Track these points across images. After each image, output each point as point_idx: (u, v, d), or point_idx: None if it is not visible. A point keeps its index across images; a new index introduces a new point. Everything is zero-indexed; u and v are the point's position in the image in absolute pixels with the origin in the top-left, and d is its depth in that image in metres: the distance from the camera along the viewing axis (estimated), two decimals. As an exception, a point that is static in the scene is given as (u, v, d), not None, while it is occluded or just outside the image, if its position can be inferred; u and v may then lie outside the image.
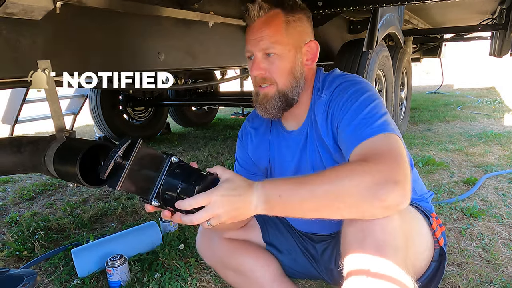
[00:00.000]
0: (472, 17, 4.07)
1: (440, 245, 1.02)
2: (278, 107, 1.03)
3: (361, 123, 0.88)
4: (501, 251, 1.53)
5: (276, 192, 0.76)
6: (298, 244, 1.25)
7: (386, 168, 0.74)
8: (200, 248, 1.26)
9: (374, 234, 0.75)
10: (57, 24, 1.08)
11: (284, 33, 0.99)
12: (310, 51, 1.05)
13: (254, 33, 1.00)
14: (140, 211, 2.14)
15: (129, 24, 1.30)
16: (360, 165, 0.76)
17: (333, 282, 1.23)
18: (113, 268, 1.39)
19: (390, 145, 0.82)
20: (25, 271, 1.03)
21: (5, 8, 0.86)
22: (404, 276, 0.73)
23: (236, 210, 0.76)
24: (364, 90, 0.95)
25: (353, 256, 0.76)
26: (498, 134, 3.50)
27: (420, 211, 1.02)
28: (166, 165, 0.80)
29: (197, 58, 1.62)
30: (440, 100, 6.18)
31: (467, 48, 12.76)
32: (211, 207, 0.74)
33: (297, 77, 1.02)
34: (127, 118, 4.08)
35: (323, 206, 0.75)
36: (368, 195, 0.71)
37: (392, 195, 0.71)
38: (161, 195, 0.79)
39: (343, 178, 0.74)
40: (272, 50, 0.99)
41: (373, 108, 0.90)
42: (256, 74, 1.01)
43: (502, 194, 2.12)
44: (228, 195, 0.76)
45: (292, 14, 1.01)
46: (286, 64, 1.00)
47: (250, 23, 1.02)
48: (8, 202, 2.45)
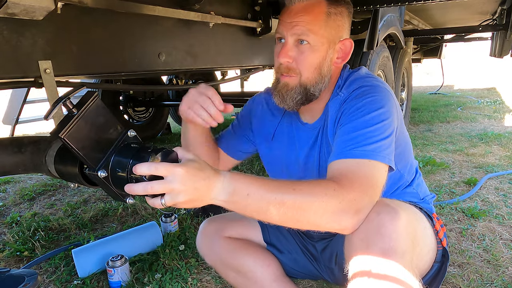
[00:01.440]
0: (473, 18, 4.07)
1: (443, 245, 1.02)
2: (297, 100, 0.99)
3: (357, 139, 0.86)
4: (502, 252, 1.53)
5: (245, 190, 0.73)
6: (299, 243, 1.25)
7: (353, 196, 0.77)
8: (200, 247, 1.26)
9: (381, 237, 0.74)
10: (58, 24, 1.08)
11: (322, 24, 0.94)
12: (343, 49, 1.01)
13: (291, 16, 0.95)
14: (140, 211, 2.14)
15: (130, 25, 1.30)
16: (333, 188, 0.76)
17: (334, 281, 1.23)
18: (114, 268, 1.39)
19: (368, 173, 0.82)
20: (26, 271, 1.03)
21: (6, 8, 0.86)
22: (411, 278, 0.72)
23: (196, 191, 0.68)
24: (378, 105, 0.90)
25: (359, 258, 0.76)
26: (498, 135, 3.50)
27: (423, 212, 1.02)
28: (122, 136, 0.73)
29: (197, 59, 1.62)
30: (440, 101, 6.18)
31: (467, 49, 12.74)
32: (172, 180, 0.66)
33: (323, 74, 0.98)
34: (128, 119, 4.08)
35: (285, 215, 0.74)
36: (330, 217, 0.75)
37: (350, 222, 0.77)
38: (111, 166, 0.70)
39: (314, 195, 0.75)
40: (306, 38, 0.93)
41: (377, 129, 0.87)
42: (282, 61, 0.96)
43: (503, 194, 2.12)
44: (194, 173, 0.68)
45: (335, 6, 0.96)
46: (316, 57, 0.95)
47: (289, 4, 0.96)
48: (8, 202, 2.45)
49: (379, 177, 0.83)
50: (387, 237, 0.74)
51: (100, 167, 0.70)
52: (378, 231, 0.75)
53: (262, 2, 1.93)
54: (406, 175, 1.09)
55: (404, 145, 1.05)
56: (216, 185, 0.71)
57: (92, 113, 0.68)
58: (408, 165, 1.10)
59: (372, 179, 0.82)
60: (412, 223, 0.83)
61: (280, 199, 0.73)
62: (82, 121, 0.67)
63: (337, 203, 0.75)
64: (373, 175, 0.83)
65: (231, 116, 5.66)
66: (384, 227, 0.75)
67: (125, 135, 0.73)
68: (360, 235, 0.77)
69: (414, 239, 0.81)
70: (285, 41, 0.96)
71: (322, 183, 0.79)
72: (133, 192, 0.67)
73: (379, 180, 0.83)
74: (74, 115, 0.67)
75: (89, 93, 0.69)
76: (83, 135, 0.68)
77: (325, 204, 0.74)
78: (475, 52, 12.97)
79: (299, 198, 0.74)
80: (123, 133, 0.73)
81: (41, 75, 1.03)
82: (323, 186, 0.77)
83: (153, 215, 2.07)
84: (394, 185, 1.07)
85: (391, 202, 0.82)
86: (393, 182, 1.05)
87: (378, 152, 0.84)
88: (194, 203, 0.71)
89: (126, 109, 4.04)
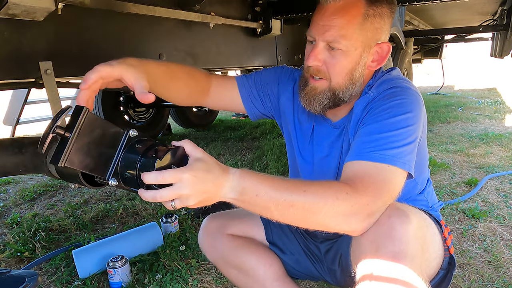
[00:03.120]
0: (473, 18, 4.07)
1: (450, 253, 1.01)
2: (324, 104, 0.95)
3: (378, 141, 0.83)
4: (503, 252, 1.53)
5: (254, 190, 0.72)
6: (301, 244, 1.25)
7: (367, 200, 0.75)
8: (202, 244, 1.25)
9: (392, 240, 0.73)
10: (59, 25, 1.08)
11: (357, 28, 0.87)
12: (379, 53, 0.93)
13: (324, 18, 0.88)
14: (141, 212, 2.14)
15: (131, 26, 1.31)
16: (345, 192, 0.74)
17: (335, 283, 1.22)
18: (114, 269, 1.39)
19: (384, 178, 0.80)
20: (26, 272, 1.03)
21: (7, 9, 0.86)
22: (420, 282, 0.71)
23: (205, 193, 0.68)
24: (406, 109, 0.86)
25: (369, 261, 0.74)
26: (499, 135, 3.49)
27: (433, 219, 1.01)
28: (124, 139, 0.70)
29: (198, 59, 1.62)
30: (441, 101, 6.17)
31: (468, 49, 12.74)
32: (180, 186, 0.65)
33: (354, 79, 0.92)
34: (128, 119, 4.08)
35: (294, 216, 0.74)
36: (340, 220, 0.75)
37: (360, 225, 0.76)
38: (120, 173, 0.69)
39: (325, 198, 0.73)
40: (337, 45, 0.87)
41: (400, 134, 0.84)
42: (311, 64, 0.90)
43: (504, 195, 2.11)
44: (202, 176, 0.67)
45: (375, 7, 0.88)
46: (348, 63, 0.90)
47: (324, 3, 0.89)
48: (9, 203, 2.45)
49: (396, 183, 0.81)
50: (398, 241, 0.73)
51: (110, 176, 0.69)
52: (388, 234, 0.74)
53: (263, 3, 1.93)
54: (420, 184, 1.08)
55: (424, 154, 1.03)
56: (225, 184, 0.71)
57: (86, 130, 0.66)
58: (423, 174, 1.09)
59: (388, 185, 0.79)
60: (422, 228, 0.81)
61: (290, 201, 0.72)
62: (78, 142, 0.65)
63: (349, 207, 0.73)
64: (390, 180, 0.80)
65: (231, 117, 5.67)
66: (395, 230, 0.73)
67: (127, 136, 0.72)
68: (370, 237, 0.76)
69: (423, 244, 0.80)
70: (316, 44, 0.90)
71: (334, 185, 0.77)
72: (144, 198, 0.67)
73: (396, 186, 0.81)
74: (68, 139, 0.64)
75: (77, 110, 0.65)
76: (83, 154, 0.66)
77: (336, 207, 0.73)
78: (476, 53, 12.97)
79: (310, 200, 0.73)
80: (124, 136, 0.72)
81: (41, 76, 1.03)
82: (335, 189, 0.75)
83: (154, 216, 2.07)
84: (408, 193, 1.05)
85: (402, 206, 0.80)
86: (407, 189, 1.02)
87: (399, 158, 0.82)
88: (205, 203, 0.71)
89: (126, 109, 4.04)
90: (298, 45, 2.38)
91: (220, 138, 4.12)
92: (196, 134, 4.56)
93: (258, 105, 1.16)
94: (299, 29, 2.39)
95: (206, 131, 4.74)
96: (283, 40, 2.25)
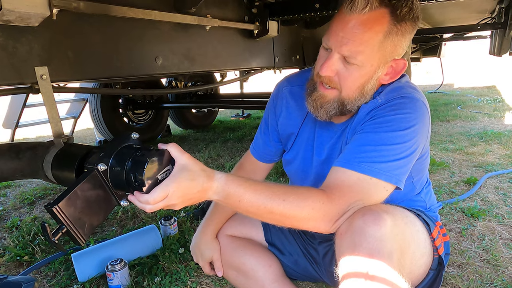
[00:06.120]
0: (472, 16, 4.06)
1: (439, 254, 1.01)
2: (331, 113, 0.94)
3: (370, 153, 0.84)
4: (502, 252, 1.53)
5: (237, 196, 0.79)
6: (300, 246, 1.25)
7: (338, 210, 0.82)
8: None
9: (366, 237, 0.76)
10: (54, 30, 1.08)
11: (376, 45, 0.84)
12: (394, 68, 0.91)
13: (343, 28, 0.84)
14: (140, 214, 2.14)
15: (126, 29, 1.31)
16: (321, 202, 0.81)
17: (334, 284, 1.22)
18: (113, 272, 1.39)
19: (363, 190, 0.84)
20: (23, 278, 1.03)
21: (2, 15, 0.87)
22: (398, 278, 0.73)
23: (191, 200, 0.77)
24: (407, 126, 0.86)
25: (347, 258, 0.77)
26: (498, 133, 3.49)
27: (421, 219, 1.01)
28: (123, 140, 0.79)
29: (195, 62, 1.62)
30: (440, 100, 6.17)
31: (467, 47, 12.74)
32: (168, 199, 0.73)
33: (365, 92, 0.91)
34: (128, 121, 4.09)
35: (272, 219, 0.84)
36: (310, 223, 0.83)
37: (327, 229, 0.84)
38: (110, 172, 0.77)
39: (302, 208, 0.81)
40: (353, 61, 0.85)
41: (394, 149, 0.84)
42: (324, 74, 0.88)
43: (503, 193, 2.11)
44: (186, 186, 0.74)
45: (399, 25, 0.84)
46: (361, 77, 0.88)
47: (347, 13, 0.84)
48: (9, 206, 2.46)
49: (375, 195, 0.85)
50: (372, 237, 0.75)
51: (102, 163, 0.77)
52: (362, 231, 0.76)
53: (259, 5, 1.93)
54: (418, 186, 1.09)
55: (425, 158, 1.04)
56: (210, 190, 0.78)
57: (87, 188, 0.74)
58: (423, 177, 1.09)
59: (365, 196, 0.83)
60: (398, 225, 0.84)
61: (270, 208, 0.80)
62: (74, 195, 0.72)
63: (321, 216, 0.81)
64: (368, 192, 0.84)
65: (231, 118, 5.67)
66: (368, 227, 0.76)
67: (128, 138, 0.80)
68: (347, 237, 0.79)
69: (402, 241, 0.83)
70: (331, 54, 0.87)
71: (312, 195, 0.82)
72: (143, 208, 0.75)
73: (374, 198, 0.85)
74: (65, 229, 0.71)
75: (49, 210, 0.72)
76: (75, 208, 0.72)
77: (310, 215, 0.81)
78: (475, 51, 12.97)
79: (287, 209, 0.80)
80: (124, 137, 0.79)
81: (37, 81, 1.03)
82: (312, 199, 0.81)
83: (153, 218, 2.07)
84: (404, 195, 1.06)
85: (375, 207, 0.82)
86: (404, 191, 1.03)
87: (386, 171, 0.83)
88: (190, 204, 0.79)
89: (126, 111, 4.05)
90: (295, 46, 2.38)
91: (220, 139, 4.12)
92: (196, 135, 4.56)
93: (277, 145, 1.24)
94: (296, 30, 2.39)
95: (205, 132, 4.74)
96: (280, 41, 2.25)
